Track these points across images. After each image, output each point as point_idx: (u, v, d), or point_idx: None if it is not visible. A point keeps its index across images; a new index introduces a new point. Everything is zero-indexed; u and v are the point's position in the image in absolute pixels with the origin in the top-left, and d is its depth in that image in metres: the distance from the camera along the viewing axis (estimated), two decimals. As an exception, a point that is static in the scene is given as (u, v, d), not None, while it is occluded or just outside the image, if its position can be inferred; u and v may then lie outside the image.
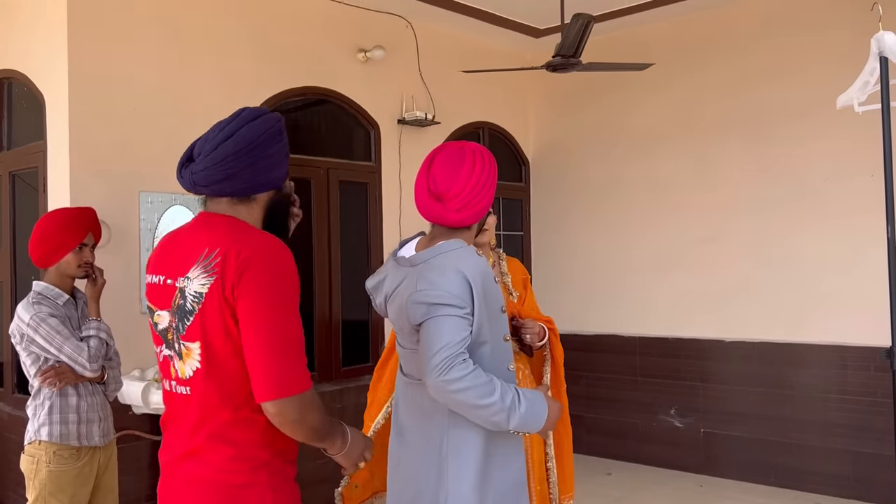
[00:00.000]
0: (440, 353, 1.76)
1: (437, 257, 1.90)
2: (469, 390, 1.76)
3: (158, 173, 4.07)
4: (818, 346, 4.90)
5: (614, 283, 5.84)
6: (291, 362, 1.55)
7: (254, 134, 1.68)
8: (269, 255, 1.59)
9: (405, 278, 1.94)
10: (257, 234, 1.64)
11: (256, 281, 1.55)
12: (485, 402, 1.77)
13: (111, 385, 3.06)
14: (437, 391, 1.78)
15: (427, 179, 1.94)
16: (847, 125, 4.77)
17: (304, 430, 1.60)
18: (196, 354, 1.61)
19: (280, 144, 1.72)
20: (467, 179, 1.89)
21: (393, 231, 5.26)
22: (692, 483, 5.22)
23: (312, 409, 1.60)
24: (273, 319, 1.55)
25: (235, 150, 1.66)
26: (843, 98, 2.18)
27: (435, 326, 1.80)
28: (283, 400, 1.54)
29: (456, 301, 1.81)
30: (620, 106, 5.86)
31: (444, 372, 1.75)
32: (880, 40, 1.97)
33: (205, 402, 1.62)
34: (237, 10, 4.48)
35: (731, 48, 5.30)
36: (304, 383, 1.57)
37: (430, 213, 1.94)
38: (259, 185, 1.70)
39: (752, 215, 5.20)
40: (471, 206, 1.91)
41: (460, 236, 1.96)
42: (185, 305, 1.61)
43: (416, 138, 5.45)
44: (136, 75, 4.00)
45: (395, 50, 5.26)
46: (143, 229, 4.00)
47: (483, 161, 1.92)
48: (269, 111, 1.78)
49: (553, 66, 4.12)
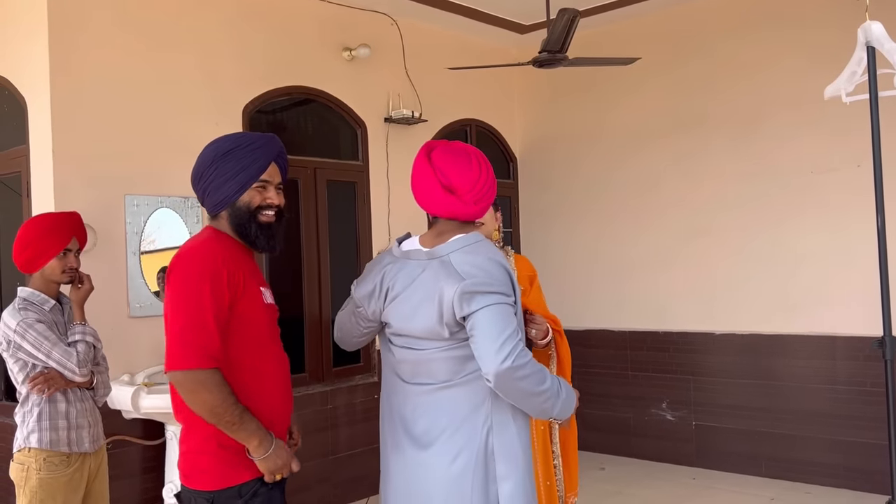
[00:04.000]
0: (508, 342, 1.78)
1: (466, 247, 1.89)
2: (531, 377, 1.81)
3: (144, 176, 4.04)
4: (807, 337, 4.93)
5: (604, 279, 5.85)
6: (185, 342, 1.85)
7: (197, 168, 2.05)
8: (179, 258, 1.96)
9: (424, 271, 1.91)
10: (189, 242, 2.03)
11: (170, 283, 1.93)
12: (541, 388, 1.83)
13: (100, 390, 3.02)
14: (502, 379, 1.78)
15: (435, 173, 1.93)
16: (832, 117, 4.80)
17: (198, 405, 1.88)
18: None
19: (217, 170, 2.00)
20: (479, 172, 1.92)
21: (382, 230, 5.24)
22: (685, 476, 5.24)
23: (206, 390, 1.86)
24: (171, 307, 1.89)
25: (193, 180, 2.07)
26: (831, 89, 2.19)
27: (494, 315, 1.80)
28: (174, 372, 1.86)
29: (505, 289, 1.84)
30: (607, 102, 5.86)
31: (513, 358, 1.77)
32: (867, 30, 1.97)
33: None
34: (220, 11, 4.44)
35: (717, 41, 5.32)
36: (194, 361, 1.84)
37: (444, 206, 1.92)
38: (213, 205, 2.04)
39: (740, 208, 5.22)
40: (485, 199, 1.94)
41: (471, 230, 1.96)
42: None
43: (404, 136, 5.43)
44: (118, 77, 3.96)
45: (380, 48, 5.24)
46: (129, 233, 3.96)
47: (481, 158, 1.98)
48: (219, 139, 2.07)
49: (540, 62, 4.12)
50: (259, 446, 1.94)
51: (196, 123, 4.27)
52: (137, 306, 3.98)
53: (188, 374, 1.85)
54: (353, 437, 4.87)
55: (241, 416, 1.91)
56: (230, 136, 2.06)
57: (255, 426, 1.94)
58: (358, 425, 4.87)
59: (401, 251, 2.01)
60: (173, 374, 1.86)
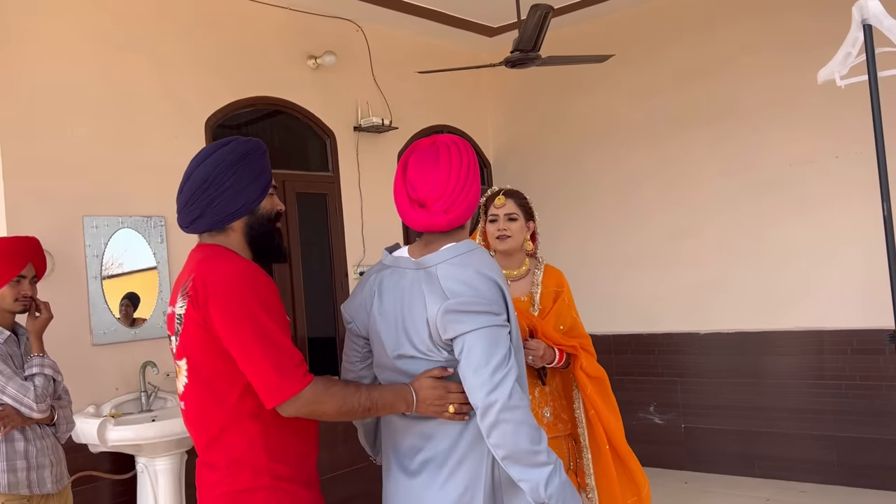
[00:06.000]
0: (498, 371, 1.62)
1: (456, 258, 1.73)
2: (523, 424, 1.62)
3: (103, 195, 3.84)
4: (793, 333, 4.86)
5: (585, 282, 5.72)
6: (277, 371, 1.65)
7: (207, 171, 1.78)
8: (225, 281, 1.71)
9: (410, 281, 1.76)
10: (221, 263, 1.75)
11: (221, 307, 1.68)
12: (536, 447, 1.62)
13: (62, 426, 2.84)
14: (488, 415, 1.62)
15: (405, 186, 1.79)
16: (809, 109, 4.75)
17: (326, 417, 1.74)
18: (184, 371, 1.77)
19: (236, 174, 1.79)
20: (447, 178, 1.74)
21: (356, 242, 5.08)
22: (677, 480, 5.13)
23: (321, 402, 1.69)
24: (246, 339, 1.66)
25: (192, 192, 1.79)
26: (824, 72, 2.09)
27: (481, 340, 1.64)
28: (284, 404, 1.66)
29: (495, 308, 1.67)
30: (580, 103, 5.77)
31: (505, 390, 1.61)
32: (863, 8, 1.87)
33: (199, 413, 1.76)
34: (179, 21, 4.26)
35: (692, 36, 5.25)
36: (297, 384, 1.66)
37: (417, 221, 1.78)
38: (226, 216, 1.80)
39: (720, 205, 5.15)
40: (458, 205, 1.75)
41: (459, 237, 1.80)
42: (178, 329, 1.77)
43: (374, 145, 5.28)
44: (72, 91, 3.76)
45: (346, 55, 5.09)
46: (89, 255, 3.75)
47: (459, 153, 1.77)
48: (229, 141, 1.85)
49: (512, 62, 4.01)
50: (409, 404, 1.74)
51: (156, 138, 4.09)
52: (101, 333, 3.77)
53: (298, 398, 1.66)
54: (334, 460, 4.68)
55: (369, 398, 1.74)
56: (238, 139, 1.85)
57: (390, 394, 1.76)
58: (339, 446, 4.68)
59: (391, 258, 1.86)
60: (282, 407, 1.66)
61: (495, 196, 2.74)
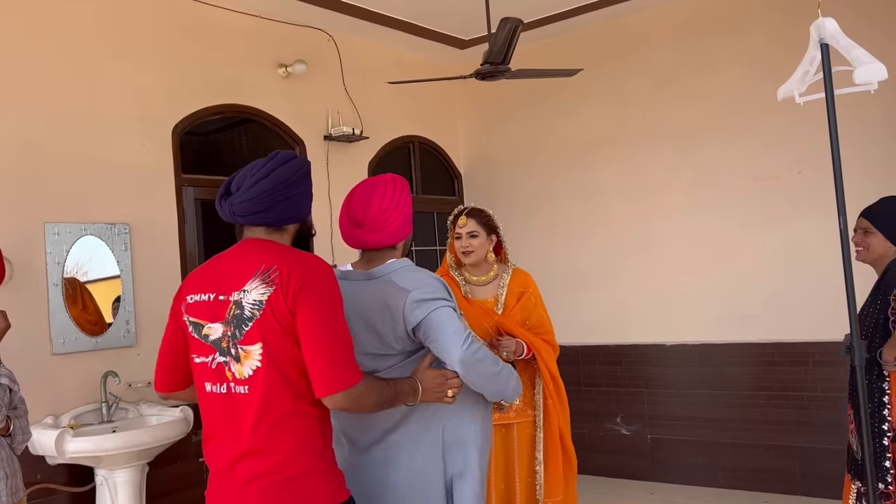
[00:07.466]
0: (460, 332, 2.00)
1: (402, 269, 2.09)
2: (487, 359, 2.06)
3: (65, 201, 3.77)
4: (756, 345, 4.93)
5: (552, 293, 5.72)
6: (341, 363, 1.83)
7: (289, 173, 1.95)
8: (321, 275, 1.89)
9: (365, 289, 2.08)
10: (308, 256, 1.94)
11: (313, 297, 1.83)
12: (497, 368, 2.09)
13: (18, 437, 2.76)
14: (468, 363, 2.00)
15: (347, 210, 2.16)
16: (772, 125, 4.84)
17: (365, 410, 1.94)
18: (257, 355, 1.84)
19: (308, 185, 2.02)
20: (380, 203, 2.10)
21: (325, 252, 5.05)
22: (643, 491, 5.16)
23: (365, 397, 1.88)
24: (326, 330, 1.83)
25: (272, 186, 1.93)
26: (784, 90, 2.13)
27: (443, 315, 2.01)
28: (336, 395, 1.82)
29: (447, 296, 2.06)
30: (551, 115, 5.82)
31: (469, 343, 2.00)
32: (820, 27, 1.92)
33: (267, 396, 1.83)
34: (145, 26, 4.22)
35: (657, 53, 5.33)
36: (352, 378, 1.83)
37: (351, 238, 2.14)
38: (290, 217, 1.98)
39: (685, 218, 5.22)
40: (386, 226, 2.10)
41: (393, 256, 2.14)
42: (242, 314, 1.86)
43: (345, 154, 5.27)
44: (33, 95, 3.70)
45: (317, 64, 5.08)
46: (50, 263, 3.68)
47: (394, 186, 2.14)
48: (299, 155, 2.14)
49: (482, 74, 4.02)
50: (417, 393, 2.03)
51: (121, 145, 4.03)
52: (61, 342, 3.70)
53: (351, 391, 1.85)
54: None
55: (393, 390, 1.98)
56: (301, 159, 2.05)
57: (406, 385, 2.01)
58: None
59: (340, 272, 2.16)
60: (334, 397, 1.83)
61: (458, 216, 3.24)
